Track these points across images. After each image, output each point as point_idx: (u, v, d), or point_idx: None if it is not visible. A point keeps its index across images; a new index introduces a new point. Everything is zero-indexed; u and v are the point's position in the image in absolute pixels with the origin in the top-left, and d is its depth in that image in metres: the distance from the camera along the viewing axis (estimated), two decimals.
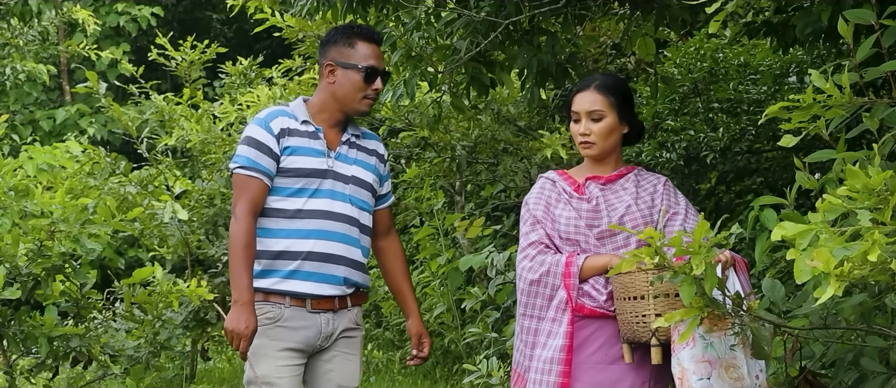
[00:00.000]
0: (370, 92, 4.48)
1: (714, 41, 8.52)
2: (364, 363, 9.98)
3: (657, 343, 4.00)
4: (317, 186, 4.43)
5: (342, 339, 4.53)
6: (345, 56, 4.47)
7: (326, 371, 4.53)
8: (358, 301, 4.59)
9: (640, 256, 3.53)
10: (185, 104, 9.71)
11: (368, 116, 9.54)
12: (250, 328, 4.25)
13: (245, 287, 4.28)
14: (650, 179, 4.39)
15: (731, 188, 8.95)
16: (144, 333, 7.76)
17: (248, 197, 4.36)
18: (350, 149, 4.55)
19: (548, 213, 4.32)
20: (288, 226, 4.41)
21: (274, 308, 4.39)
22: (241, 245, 4.31)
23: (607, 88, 4.29)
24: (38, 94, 16.97)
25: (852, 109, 3.32)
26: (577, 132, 4.30)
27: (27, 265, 6.86)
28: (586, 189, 4.32)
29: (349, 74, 4.46)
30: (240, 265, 4.30)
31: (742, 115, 8.10)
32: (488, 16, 5.31)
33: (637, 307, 4.01)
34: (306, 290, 4.40)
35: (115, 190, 8.87)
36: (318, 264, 4.40)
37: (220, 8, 17.60)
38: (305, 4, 5.77)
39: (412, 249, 9.99)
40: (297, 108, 4.52)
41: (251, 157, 4.38)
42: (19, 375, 7.48)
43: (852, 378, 4.25)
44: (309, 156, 4.44)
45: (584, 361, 4.20)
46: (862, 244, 2.75)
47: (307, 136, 4.45)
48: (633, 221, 4.23)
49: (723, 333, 3.83)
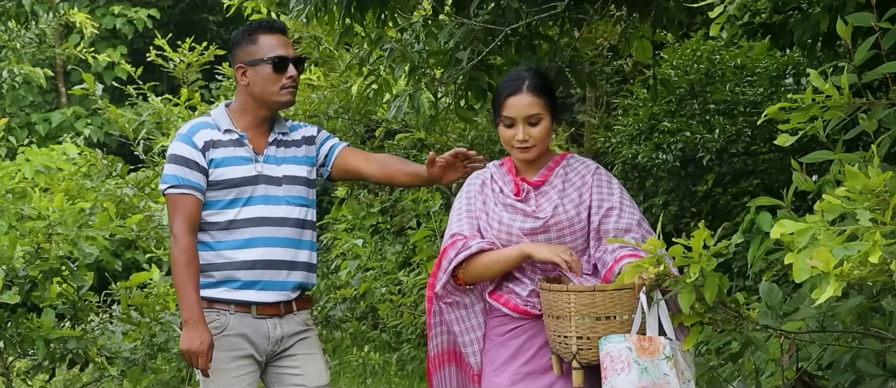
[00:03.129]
0: (285, 81, 4.41)
1: (711, 43, 8.54)
2: (360, 366, 10.00)
3: (578, 366, 3.85)
4: (249, 193, 4.39)
5: (298, 342, 4.49)
6: (250, 54, 4.41)
7: (293, 376, 4.50)
8: (303, 305, 4.54)
9: (643, 267, 3.50)
10: (182, 106, 9.71)
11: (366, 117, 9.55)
12: (205, 343, 4.24)
13: (193, 305, 4.27)
14: (579, 171, 4.18)
15: (728, 190, 8.96)
16: (141, 335, 7.74)
17: (182, 215, 4.33)
18: (278, 148, 4.49)
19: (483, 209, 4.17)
20: (225, 238, 4.38)
21: (219, 316, 4.37)
22: (183, 263, 4.30)
23: (540, 89, 4.07)
24: (34, 97, 16.96)
25: (850, 110, 3.32)
26: (513, 137, 4.06)
27: (24, 268, 6.86)
28: (522, 190, 4.14)
29: (259, 70, 4.40)
30: (185, 284, 4.29)
31: (738, 116, 8.12)
32: (487, 23, 5.31)
33: (560, 327, 3.86)
34: (250, 298, 4.38)
35: (112, 192, 8.88)
36: (260, 271, 4.38)
37: (216, 10, 17.61)
38: (303, 10, 5.78)
39: (409, 250, 10.00)
40: (219, 116, 4.46)
41: (179, 174, 4.35)
42: (16, 377, 7.47)
43: (849, 381, 4.25)
44: (236, 165, 4.39)
45: (518, 371, 4.08)
46: (862, 245, 2.75)
47: (231, 144, 4.40)
48: (559, 225, 4.07)
49: (653, 356, 3.69)
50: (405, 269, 10.00)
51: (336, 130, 9.43)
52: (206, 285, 4.39)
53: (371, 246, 10.32)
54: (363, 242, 10.05)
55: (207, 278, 4.39)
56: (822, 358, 4.41)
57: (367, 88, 6.43)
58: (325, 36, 8.91)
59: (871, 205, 2.90)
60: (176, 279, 4.33)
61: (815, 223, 2.91)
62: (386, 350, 10.44)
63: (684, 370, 3.73)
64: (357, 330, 10.78)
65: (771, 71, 8.19)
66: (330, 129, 9.34)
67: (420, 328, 9.21)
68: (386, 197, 10.62)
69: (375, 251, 10.38)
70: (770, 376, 5.13)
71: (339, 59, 9.20)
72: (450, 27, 5.50)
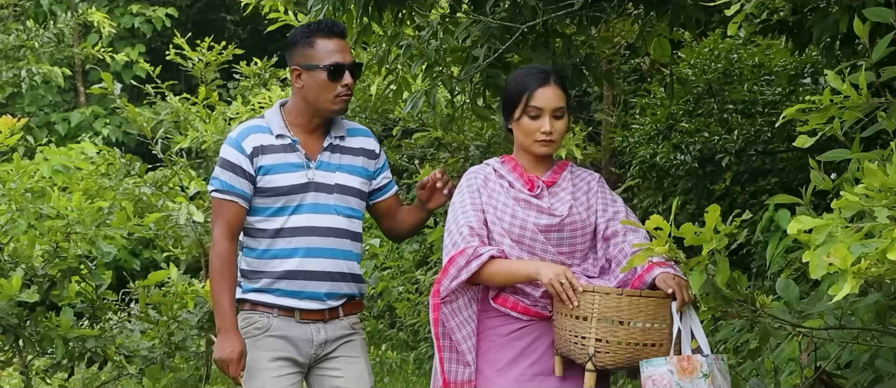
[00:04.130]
0: (340, 89, 4.28)
1: (728, 42, 8.52)
2: (378, 364, 10.01)
3: (592, 369, 3.82)
4: (298, 201, 4.29)
5: (342, 345, 4.42)
6: (307, 58, 4.28)
7: (334, 379, 4.42)
8: (351, 310, 4.45)
9: (654, 250, 3.50)
10: (200, 105, 9.73)
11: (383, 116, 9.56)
12: (236, 352, 4.20)
13: (226, 313, 4.23)
14: (584, 178, 4.18)
15: (746, 189, 8.94)
16: (159, 333, 7.77)
17: (223, 220, 4.28)
18: (333, 154, 4.38)
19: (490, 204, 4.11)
20: (271, 246, 4.31)
21: (262, 317, 4.32)
22: (218, 270, 4.26)
23: (562, 83, 4.08)
24: (53, 96, 17.02)
25: (869, 109, 3.31)
26: (538, 129, 4.02)
27: (43, 267, 6.89)
28: (537, 186, 4.11)
29: (314, 76, 4.27)
30: (219, 290, 4.25)
31: (757, 116, 8.10)
32: (504, 21, 5.31)
33: (578, 327, 3.82)
34: (292, 304, 4.32)
35: (130, 191, 8.89)
36: (302, 282, 4.30)
37: (233, 9, 17.64)
38: (321, 10, 5.78)
39: (426, 250, 10.00)
40: (272, 118, 4.36)
41: (225, 179, 4.28)
42: (35, 375, 7.51)
43: (868, 380, 4.24)
44: (286, 172, 4.29)
45: (525, 372, 4.03)
46: (880, 242, 2.74)
47: (283, 150, 4.31)
48: (573, 225, 4.05)
49: (691, 376, 3.69)
50: (422, 268, 10.02)
51: None
52: (250, 289, 4.35)
53: (388, 245, 10.33)
54: (380, 241, 10.06)
55: (252, 283, 4.35)
56: (841, 357, 4.40)
57: (386, 87, 6.42)
58: None
59: (889, 203, 2.89)
60: (211, 285, 4.29)
61: (832, 220, 2.90)
62: (403, 349, 10.46)
63: (721, 385, 3.73)
64: (375, 329, 10.80)
65: (789, 70, 8.17)
66: None
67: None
68: (403, 196, 10.63)
69: (392, 250, 10.40)
70: (789, 374, 5.12)
71: (357, 59, 9.20)
72: (466, 25, 5.49)
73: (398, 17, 5.74)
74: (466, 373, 4.09)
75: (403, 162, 10.18)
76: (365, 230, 10.65)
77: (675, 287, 3.73)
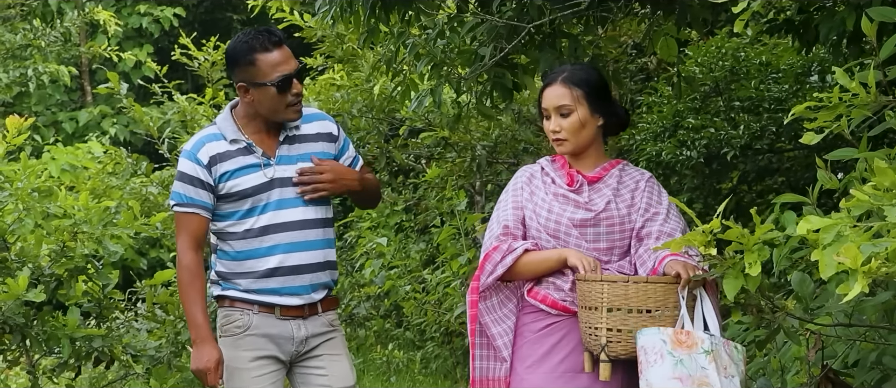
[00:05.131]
0: (291, 98, 4.28)
1: (735, 40, 8.50)
2: (384, 364, 10.01)
3: (606, 359, 3.84)
4: (265, 200, 4.32)
5: (323, 343, 4.45)
6: (251, 75, 4.25)
7: (319, 377, 4.45)
8: (329, 306, 4.50)
9: (692, 242, 3.50)
10: (207, 104, 9.73)
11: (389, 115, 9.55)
12: (213, 360, 4.23)
13: (200, 324, 4.26)
14: (633, 176, 4.19)
15: (753, 187, 8.92)
16: (166, 333, 7.76)
17: (187, 233, 4.33)
18: (292, 146, 4.39)
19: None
20: (245, 247, 4.34)
21: (243, 315, 4.35)
22: (187, 283, 4.31)
23: (574, 81, 4.08)
24: (60, 95, 17.04)
25: (877, 107, 3.30)
26: (548, 129, 4.11)
27: (50, 266, 6.89)
28: (576, 181, 4.14)
29: (263, 92, 4.25)
30: (190, 302, 4.29)
31: (763, 113, 8.08)
32: (510, 21, 5.30)
33: (591, 318, 3.85)
34: (273, 301, 4.35)
35: (137, 191, 8.91)
36: (282, 278, 4.33)
37: (240, 9, 17.65)
38: (328, 11, 5.77)
39: (433, 249, 10.00)
40: (224, 124, 4.36)
41: (184, 193, 4.32)
42: (42, 375, 7.51)
43: (875, 379, 4.24)
44: (247, 174, 4.31)
45: (555, 368, 4.05)
46: (889, 241, 2.74)
47: (240, 154, 4.32)
48: (610, 220, 4.06)
49: (690, 350, 3.68)
50: (429, 267, 10.01)
51: (360, 128, 9.42)
52: (229, 287, 4.39)
53: (395, 244, 10.33)
54: (387, 240, 10.05)
55: (232, 284, 4.38)
56: (848, 356, 4.39)
57: (394, 88, 6.42)
58: (349, 33, 8.90)
59: None
60: (181, 298, 4.34)
61: (841, 220, 2.90)
62: (410, 348, 10.44)
63: (727, 365, 3.72)
64: (381, 328, 10.79)
65: (796, 68, 8.15)
66: (353, 128, 9.33)
67: (443, 325, 9.20)
68: (409, 195, 10.63)
69: (399, 249, 10.39)
70: (795, 373, 5.11)
71: (363, 59, 9.20)
72: (472, 24, 5.49)
73: (405, 18, 5.74)
74: (502, 369, 4.15)
75: (410, 161, 10.17)
76: (371, 229, 10.69)
77: (681, 269, 3.77)
